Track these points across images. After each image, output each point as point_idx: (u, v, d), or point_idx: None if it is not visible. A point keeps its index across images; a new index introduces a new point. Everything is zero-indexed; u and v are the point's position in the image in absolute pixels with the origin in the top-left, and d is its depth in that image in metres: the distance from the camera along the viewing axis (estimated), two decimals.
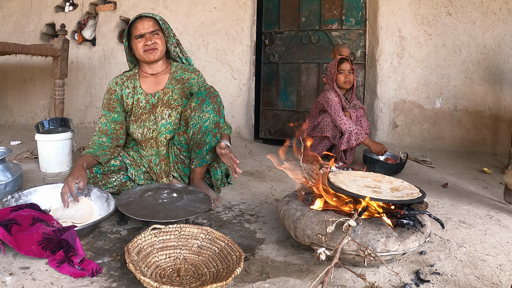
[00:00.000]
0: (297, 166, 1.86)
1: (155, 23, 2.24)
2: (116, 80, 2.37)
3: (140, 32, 2.21)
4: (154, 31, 2.23)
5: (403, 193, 1.62)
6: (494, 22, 4.01)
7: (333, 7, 4.57)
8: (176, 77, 2.37)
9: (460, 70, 4.16)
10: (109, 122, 2.33)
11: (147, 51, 2.23)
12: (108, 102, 2.35)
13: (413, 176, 3.04)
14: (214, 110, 2.18)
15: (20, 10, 5.37)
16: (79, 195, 1.97)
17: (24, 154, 3.37)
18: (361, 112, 3.38)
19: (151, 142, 2.34)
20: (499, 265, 1.61)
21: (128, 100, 2.34)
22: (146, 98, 2.32)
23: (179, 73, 2.38)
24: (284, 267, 1.56)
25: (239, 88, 4.68)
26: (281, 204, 1.78)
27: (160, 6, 4.87)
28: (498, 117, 4.09)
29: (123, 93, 2.34)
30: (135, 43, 2.25)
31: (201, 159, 2.26)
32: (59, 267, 1.45)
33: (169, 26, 2.34)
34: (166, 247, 1.58)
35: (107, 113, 2.34)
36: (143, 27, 2.21)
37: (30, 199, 1.95)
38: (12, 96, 5.50)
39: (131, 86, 2.34)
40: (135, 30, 2.23)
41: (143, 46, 2.22)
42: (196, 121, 2.17)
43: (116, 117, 2.34)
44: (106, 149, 2.24)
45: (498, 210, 2.31)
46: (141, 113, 2.32)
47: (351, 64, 3.35)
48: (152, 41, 2.22)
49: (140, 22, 2.22)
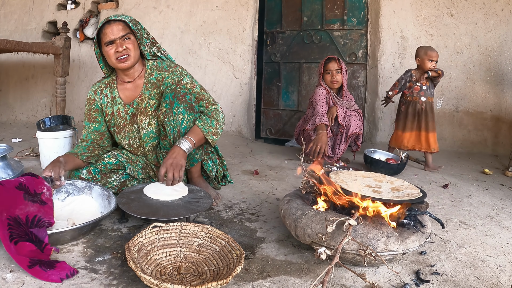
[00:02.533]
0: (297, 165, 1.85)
1: (125, 27, 2.09)
2: (94, 89, 2.31)
3: (109, 38, 2.05)
4: (124, 36, 2.08)
5: (403, 193, 1.62)
6: (496, 23, 4.01)
7: (335, 7, 4.57)
8: (152, 81, 2.25)
9: (461, 71, 4.16)
10: (89, 133, 2.29)
11: (119, 59, 2.09)
12: (88, 112, 2.31)
13: (414, 177, 3.04)
14: (186, 109, 2.11)
15: (22, 8, 5.38)
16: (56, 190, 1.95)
17: (25, 151, 3.37)
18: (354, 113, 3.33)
19: (140, 150, 2.33)
20: (499, 266, 1.62)
21: (107, 110, 2.29)
22: (125, 109, 2.25)
23: (154, 75, 2.26)
24: (285, 266, 1.57)
25: (241, 88, 4.68)
26: (281, 203, 1.79)
27: (162, 5, 4.87)
28: (499, 118, 4.09)
29: (102, 102, 2.28)
30: (105, 51, 2.10)
31: (191, 159, 2.25)
32: (31, 269, 1.38)
33: (142, 26, 2.21)
34: (167, 245, 1.58)
35: (87, 124, 2.31)
36: (112, 33, 2.05)
37: None
38: (14, 94, 5.50)
39: (110, 95, 2.28)
40: (104, 36, 2.07)
41: (115, 53, 2.08)
42: (173, 126, 2.10)
43: (97, 127, 2.30)
44: (84, 148, 2.23)
45: (499, 211, 2.31)
46: (123, 123, 2.27)
47: (339, 63, 3.33)
48: (124, 47, 2.08)
49: (109, 27, 2.05)
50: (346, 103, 3.37)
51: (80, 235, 1.72)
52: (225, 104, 4.69)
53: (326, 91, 3.34)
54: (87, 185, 2.04)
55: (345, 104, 3.36)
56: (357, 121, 3.25)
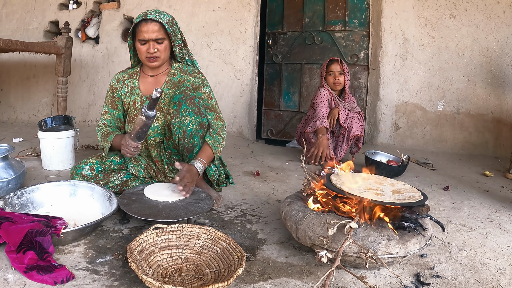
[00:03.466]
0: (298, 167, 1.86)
1: (160, 29, 2.14)
2: (118, 77, 2.38)
3: (143, 37, 2.13)
4: (158, 39, 2.15)
5: (404, 195, 1.62)
6: (497, 25, 4.01)
7: (336, 8, 4.58)
8: (173, 80, 2.32)
9: (463, 73, 4.16)
10: (113, 120, 2.38)
11: (149, 58, 2.19)
12: (111, 99, 2.38)
13: (415, 179, 3.04)
14: (194, 112, 2.12)
15: (24, 7, 5.39)
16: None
17: (26, 151, 3.38)
18: (356, 115, 3.34)
19: (144, 143, 2.35)
20: (500, 269, 1.62)
21: (126, 100, 2.36)
22: (141, 100, 2.31)
23: (177, 75, 2.33)
24: (285, 268, 1.57)
25: (242, 88, 4.68)
26: (283, 205, 1.79)
27: (164, 5, 4.87)
28: (500, 120, 4.09)
29: (122, 91, 2.36)
30: (138, 46, 2.19)
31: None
32: (27, 274, 1.39)
33: (177, 26, 2.26)
34: (168, 247, 1.59)
35: (111, 110, 2.38)
36: (147, 32, 2.11)
37: (32, 196, 1.96)
38: (15, 93, 5.51)
39: (130, 85, 2.35)
40: (139, 33, 2.14)
41: (146, 52, 2.17)
42: (179, 127, 2.13)
43: (119, 114, 2.38)
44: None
45: (499, 214, 2.31)
46: (135, 114, 2.31)
47: (341, 65, 3.35)
48: (155, 49, 2.16)
49: (145, 25, 2.11)
50: (348, 105, 3.38)
51: (81, 236, 1.72)
52: (226, 105, 4.70)
53: (329, 93, 3.35)
54: (88, 185, 2.04)
55: (347, 106, 3.37)
56: (359, 123, 3.27)
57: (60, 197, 1.99)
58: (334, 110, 3.30)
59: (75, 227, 1.66)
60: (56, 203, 1.99)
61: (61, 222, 1.75)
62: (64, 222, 1.75)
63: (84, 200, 2.01)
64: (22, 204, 1.93)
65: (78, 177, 2.17)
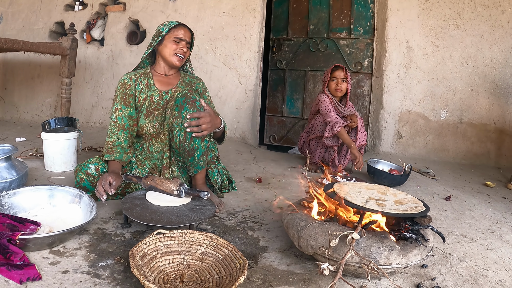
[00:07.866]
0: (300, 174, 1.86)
1: (190, 37, 2.43)
2: (130, 75, 2.42)
3: (181, 36, 2.36)
4: (188, 43, 2.41)
5: (407, 206, 1.62)
6: (501, 36, 4.02)
7: (341, 16, 4.59)
8: (186, 81, 2.53)
9: (466, 83, 4.17)
10: (125, 117, 2.35)
11: (177, 55, 2.38)
12: (124, 96, 2.37)
13: (416, 188, 3.04)
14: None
15: (30, 7, 5.41)
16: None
17: (29, 151, 3.39)
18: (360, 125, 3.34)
19: (161, 137, 2.39)
20: (500, 281, 1.62)
21: (140, 96, 2.40)
22: (160, 95, 2.42)
23: (187, 78, 2.55)
24: (287, 276, 1.57)
25: (246, 94, 4.69)
26: (285, 213, 1.79)
27: (170, 9, 4.89)
28: (502, 130, 4.10)
29: (137, 88, 2.41)
30: (169, 42, 2.37)
31: (195, 166, 2.27)
32: None
33: (193, 42, 2.51)
34: (170, 252, 1.59)
35: (123, 107, 2.36)
36: (185, 35, 2.38)
37: (11, 200, 1.93)
38: (19, 93, 5.53)
39: (144, 82, 2.42)
40: (177, 32, 2.36)
41: (178, 49, 2.37)
42: (180, 129, 2.15)
43: (131, 111, 2.38)
44: (127, 150, 2.32)
45: (500, 225, 2.31)
46: (154, 108, 2.39)
47: (345, 73, 3.36)
48: (185, 50, 2.39)
49: (182, 29, 2.38)
50: (349, 110, 3.40)
51: (57, 241, 1.68)
52: (229, 110, 4.71)
53: (329, 99, 3.36)
54: (78, 193, 2.00)
55: (347, 112, 3.38)
56: (363, 133, 3.28)
57: (50, 201, 1.99)
58: (353, 118, 3.29)
59: (32, 236, 1.60)
60: (45, 207, 1.97)
61: (33, 227, 1.73)
62: (35, 228, 1.73)
63: (71, 207, 1.98)
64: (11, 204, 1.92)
65: (82, 175, 2.20)
